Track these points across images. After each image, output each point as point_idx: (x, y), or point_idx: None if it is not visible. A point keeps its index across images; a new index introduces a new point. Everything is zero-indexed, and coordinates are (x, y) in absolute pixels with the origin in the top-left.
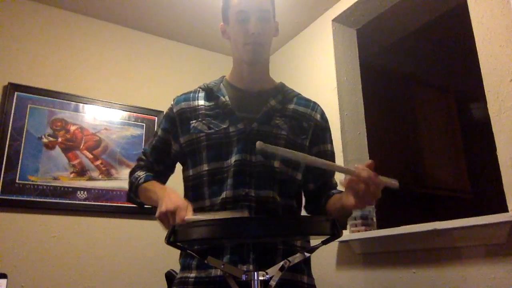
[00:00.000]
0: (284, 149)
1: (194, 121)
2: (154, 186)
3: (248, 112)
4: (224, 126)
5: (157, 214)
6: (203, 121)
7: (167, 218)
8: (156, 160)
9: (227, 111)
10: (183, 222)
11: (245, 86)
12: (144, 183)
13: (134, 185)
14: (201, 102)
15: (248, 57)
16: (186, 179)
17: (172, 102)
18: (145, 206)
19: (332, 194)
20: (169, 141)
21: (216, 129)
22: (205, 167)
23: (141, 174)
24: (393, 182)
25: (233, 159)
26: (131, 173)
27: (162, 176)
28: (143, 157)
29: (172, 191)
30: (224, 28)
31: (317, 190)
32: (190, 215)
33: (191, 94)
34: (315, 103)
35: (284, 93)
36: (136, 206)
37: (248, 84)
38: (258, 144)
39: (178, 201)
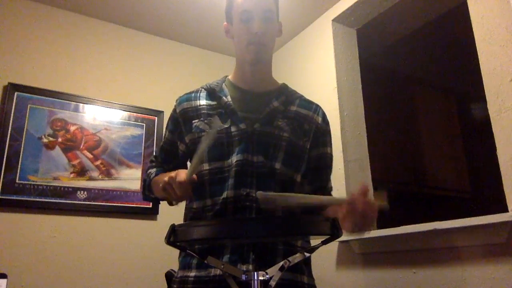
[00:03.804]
0: (284, 195)
1: (196, 121)
2: (163, 175)
3: (250, 113)
4: (226, 126)
5: (161, 185)
6: (205, 121)
7: (170, 185)
8: (165, 161)
9: (229, 111)
10: (184, 182)
11: (247, 86)
12: (155, 177)
13: (146, 182)
14: (203, 101)
15: (251, 57)
16: None
17: (175, 103)
18: (160, 201)
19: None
20: (175, 142)
21: (218, 129)
22: (206, 166)
23: (152, 171)
24: (384, 205)
25: (235, 159)
26: (145, 173)
27: None
28: (154, 158)
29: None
30: (227, 28)
31: (312, 192)
32: (189, 174)
33: (193, 93)
34: (317, 105)
35: (287, 95)
36: (153, 203)
37: (251, 84)
38: (259, 194)
39: (177, 170)
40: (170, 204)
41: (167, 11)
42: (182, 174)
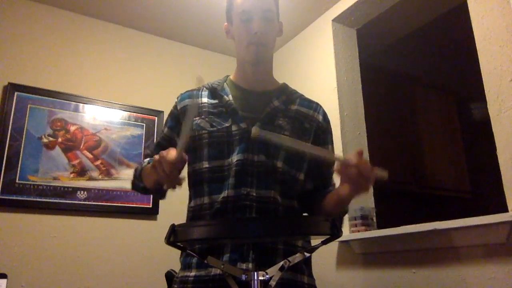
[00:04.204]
0: (280, 136)
1: (197, 118)
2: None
3: (251, 112)
4: (227, 124)
5: (151, 165)
6: (206, 119)
7: (160, 164)
8: None
9: (230, 110)
10: (174, 158)
11: (248, 86)
12: (146, 165)
13: (138, 170)
14: (205, 100)
15: (251, 57)
16: (187, 176)
17: (176, 100)
18: (149, 192)
19: (329, 191)
20: (174, 139)
21: (219, 127)
22: (206, 164)
23: (145, 160)
24: (382, 173)
25: (235, 158)
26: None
27: None
28: (149, 152)
29: None
30: (228, 28)
31: (314, 189)
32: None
33: (195, 91)
34: (317, 104)
35: (287, 94)
36: (140, 192)
37: (252, 84)
38: (254, 129)
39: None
40: (159, 196)
41: (167, 11)
42: (171, 151)
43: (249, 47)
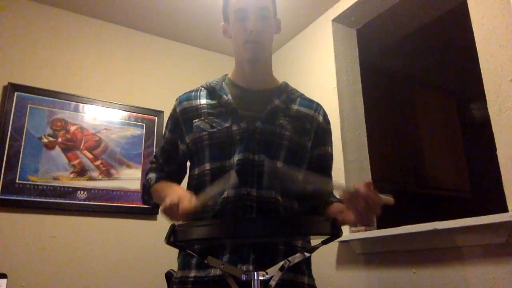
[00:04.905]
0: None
1: (197, 120)
2: (163, 185)
3: (251, 111)
4: (227, 125)
5: (161, 208)
6: (206, 120)
7: (171, 211)
8: (166, 161)
9: (230, 109)
10: (186, 212)
11: (247, 84)
12: (155, 184)
13: (146, 187)
14: (204, 100)
15: (248, 55)
16: (190, 178)
17: (175, 102)
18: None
19: (331, 202)
20: (176, 142)
21: (219, 128)
22: (208, 166)
23: (152, 176)
24: (389, 199)
25: (236, 158)
26: (145, 176)
27: (175, 176)
28: (154, 159)
29: (178, 186)
30: (225, 28)
31: (315, 193)
32: (192, 205)
33: (193, 93)
34: (318, 104)
35: (287, 93)
36: (153, 207)
37: (251, 83)
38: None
39: (181, 192)
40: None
41: (167, 11)
42: (185, 202)
43: (245, 46)
